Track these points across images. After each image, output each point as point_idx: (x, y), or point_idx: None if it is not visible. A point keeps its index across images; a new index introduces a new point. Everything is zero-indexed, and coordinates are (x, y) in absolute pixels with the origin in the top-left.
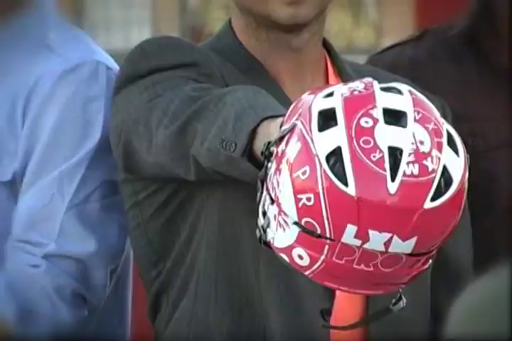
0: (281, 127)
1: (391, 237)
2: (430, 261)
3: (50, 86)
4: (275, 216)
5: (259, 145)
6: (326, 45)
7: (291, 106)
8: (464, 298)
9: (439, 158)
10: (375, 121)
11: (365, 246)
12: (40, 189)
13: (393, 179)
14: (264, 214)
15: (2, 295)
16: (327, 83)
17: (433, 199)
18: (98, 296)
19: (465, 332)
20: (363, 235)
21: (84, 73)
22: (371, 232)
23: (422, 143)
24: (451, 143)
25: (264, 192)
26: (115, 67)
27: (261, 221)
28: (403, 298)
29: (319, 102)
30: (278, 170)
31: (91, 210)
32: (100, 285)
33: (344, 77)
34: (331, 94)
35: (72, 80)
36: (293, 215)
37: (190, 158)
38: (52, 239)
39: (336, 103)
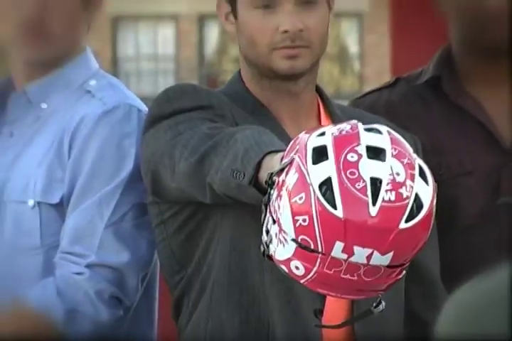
0: (281, 160)
1: (372, 252)
2: (404, 271)
3: (92, 125)
4: (276, 234)
5: (263, 175)
6: (319, 90)
7: (290, 143)
8: (455, 299)
9: (412, 187)
10: (360, 156)
11: (351, 259)
12: (83, 210)
13: (374, 204)
14: (267, 232)
15: (53, 298)
16: (320, 123)
17: (407, 220)
18: (131, 298)
19: (456, 331)
20: (348, 250)
21: (119, 114)
22: (356, 248)
23: (398, 174)
24: (422, 174)
25: (268, 214)
26: (145, 109)
27: (264, 238)
28: (382, 301)
29: (313, 140)
30: (279, 196)
31: (125, 228)
32: (133, 289)
33: (334, 118)
34: (323, 134)
35: (110, 120)
36: (291, 233)
37: (206, 185)
38: (94, 251)
39: (327, 141)
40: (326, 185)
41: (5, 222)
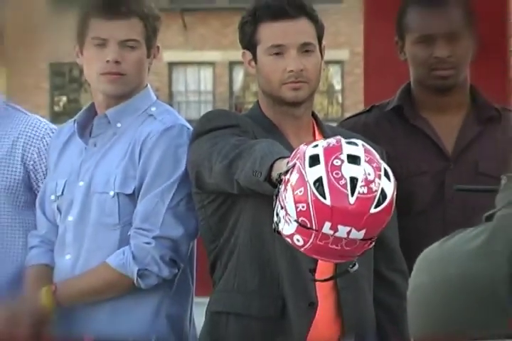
0: (287, 164)
1: (351, 229)
2: (373, 243)
3: (156, 139)
4: (283, 216)
5: (274, 175)
6: (314, 115)
7: (293, 152)
8: (425, 255)
9: (379, 184)
10: (342, 161)
11: (336, 234)
12: (150, 198)
13: (352, 195)
14: (277, 215)
15: (130, 260)
16: (314, 138)
17: (375, 207)
18: (183, 261)
19: (428, 279)
20: (334, 228)
21: (174, 131)
22: (339, 226)
23: (369, 174)
24: (386, 174)
25: (277, 202)
26: (190, 128)
27: (275, 219)
28: (356, 263)
29: (309, 150)
30: (285, 189)
31: (180, 211)
32: (185, 254)
33: (324, 134)
34: (316, 145)
35: (168, 135)
36: (294, 216)
37: (234, 181)
38: (158, 227)
39: (319, 151)
40: (318, 182)
41: (92, 207)
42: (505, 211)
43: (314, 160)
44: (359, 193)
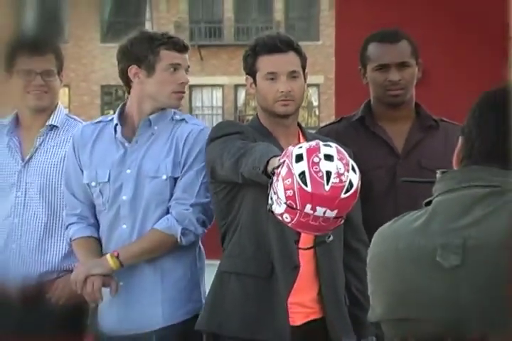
0: (278, 161)
1: (326, 210)
2: (343, 220)
3: (195, 136)
4: (276, 200)
5: (269, 169)
6: (298, 124)
7: (284, 152)
8: (380, 231)
9: (347, 176)
10: (320, 159)
11: (315, 213)
12: (188, 176)
13: (327, 184)
14: (271, 198)
15: (174, 223)
16: (299, 141)
17: (344, 193)
18: (211, 221)
19: (384, 248)
20: (314, 209)
21: (206, 131)
22: (317, 207)
23: (340, 169)
24: (353, 168)
25: (271, 189)
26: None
27: (269, 201)
28: (331, 235)
29: (296, 150)
30: (277, 180)
31: (200, 190)
32: (211, 216)
33: (306, 139)
34: (300, 147)
35: (203, 134)
36: (283, 199)
37: (239, 174)
38: (193, 197)
39: (303, 151)
40: (302, 174)
41: (144, 188)
42: (440, 198)
43: (299, 158)
44: (332, 183)
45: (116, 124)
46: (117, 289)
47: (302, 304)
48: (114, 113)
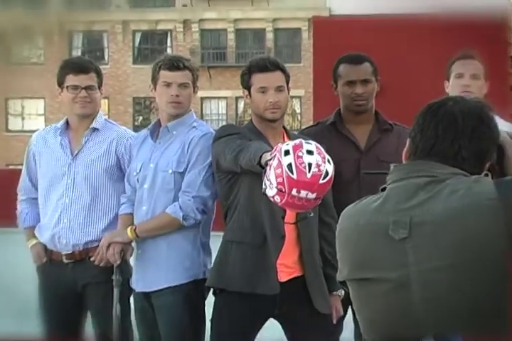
0: (270, 155)
1: (308, 193)
2: (319, 200)
3: (197, 139)
4: (269, 185)
5: (262, 161)
6: (284, 127)
7: (274, 148)
8: (345, 210)
9: (324, 166)
10: (303, 153)
11: (299, 195)
12: (192, 174)
13: (309, 173)
14: (265, 184)
15: (178, 210)
16: (284, 140)
17: (322, 180)
18: (209, 211)
19: (347, 222)
20: (298, 192)
21: (210, 136)
22: (301, 191)
23: (319, 161)
24: (328, 161)
25: (264, 177)
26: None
27: (263, 186)
28: (311, 212)
29: (284, 147)
30: (269, 169)
31: (208, 182)
32: (210, 206)
33: (291, 138)
34: (288, 144)
35: (207, 138)
36: (275, 184)
37: (239, 165)
38: (195, 190)
39: (289, 147)
40: (289, 165)
41: (158, 179)
42: (392, 185)
43: (287, 153)
44: (313, 172)
45: (149, 129)
46: (131, 254)
47: (286, 265)
48: (143, 119)
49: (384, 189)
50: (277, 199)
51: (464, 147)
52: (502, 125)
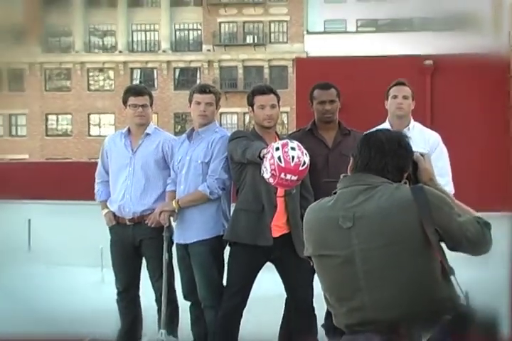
0: (266, 151)
1: (291, 176)
2: (300, 181)
3: (218, 140)
4: (265, 170)
5: (261, 155)
6: (276, 132)
7: (269, 146)
8: (308, 209)
9: (303, 158)
10: (288, 149)
11: (286, 178)
12: (215, 163)
13: (292, 162)
14: (263, 170)
15: (206, 188)
16: (275, 141)
17: (301, 167)
18: (227, 188)
19: (313, 215)
20: (285, 175)
21: (226, 138)
22: (287, 175)
23: (299, 154)
24: (306, 154)
25: (263, 165)
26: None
27: (262, 171)
28: (294, 189)
29: (275, 145)
30: (266, 160)
31: (225, 168)
32: (228, 185)
33: (280, 139)
34: (278, 143)
35: (224, 139)
36: (269, 170)
37: (245, 158)
38: (217, 174)
39: (279, 145)
40: (279, 157)
41: (191, 167)
42: (341, 190)
43: (277, 149)
44: (295, 162)
45: (186, 134)
46: (177, 218)
47: (278, 225)
48: (181, 127)
49: (335, 193)
50: (271, 180)
51: (389, 163)
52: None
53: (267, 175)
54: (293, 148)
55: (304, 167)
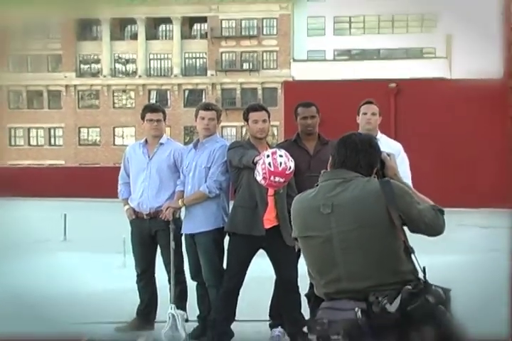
0: (259, 158)
1: (279, 178)
2: (286, 183)
3: (218, 148)
4: (257, 174)
5: (255, 161)
6: (267, 142)
7: (261, 154)
8: (294, 200)
9: (289, 163)
10: (277, 156)
11: (275, 180)
12: (214, 167)
13: (280, 167)
14: (256, 174)
15: (206, 188)
16: (266, 149)
17: (288, 171)
18: (224, 189)
19: (298, 206)
20: (274, 178)
21: (225, 147)
22: (276, 177)
23: (285, 160)
24: (291, 160)
25: (256, 169)
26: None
27: (255, 175)
28: (282, 190)
29: (266, 153)
30: (258, 166)
31: (223, 171)
32: (225, 186)
33: (271, 148)
34: (268, 151)
35: (223, 148)
36: (261, 174)
37: (242, 163)
38: (216, 176)
39: (269, 153)
40: (269, 163)
41: (197, 171)
42: (321, 183)
43: (268, 156)
44: (282, 167)
45: (193, 144)
46: (179, 214)
47: (269, 219)
48: (189, 138)
49: (317, 185)
50: (263, 182)
51: (361, 161)
52: (388, 146)
53: (259, 177)
54: (281, 156)
55: (289, 171)
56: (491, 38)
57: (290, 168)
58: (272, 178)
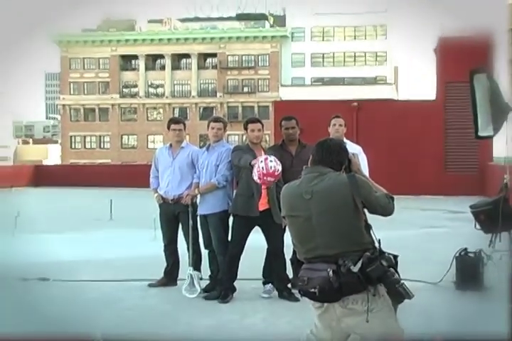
0: (254, 161)
1: (271, 178)
2: (276, 180)
3: (224, 151)
4: (254, 174)
5: (251, 163)
6: (262, 146)
7: (256, 159)
8: (283, 188)
9: (278, 166)
10: (268, 161)
11: (267, 179)
12: (222, 165)
13: (271, 169)
14: (252, 174)
15: (215, 180)
16: (261, 154)
17: (277, 172)
18: (229, 181)
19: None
20: (266, 177)
21: (229, 150)
22: (268, 177)
23: (275, 164)
24: (279, 164)
25: (252, 170)
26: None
27: (253, 175)
28: (272, 184)
29: (260, 158)
30: (254, 168)
31: (228, 168)
32: (230, 180)
33: (266, 153)
34: (262, 157)
35: (229, 150)
36: (256, 174)
37: (241, 164)
38: (223, 172)
39: (262, 158)
40: (262, 166)
41: (209, 167)
42: (303, 176)
43: (261, 161)
44: (273, 170)
45: (205, 147)
46: (195, 200)
47: (262, 203)
48: (203, 143)
49: (300, 177)
50: (258, 181)
51: (334, 159)
52: (352, 148)
53: (255, 177)
54: (271, 161)
55: (278, 172)
56: (428, 68)
57: (278, 170)
58: (265, 178)
